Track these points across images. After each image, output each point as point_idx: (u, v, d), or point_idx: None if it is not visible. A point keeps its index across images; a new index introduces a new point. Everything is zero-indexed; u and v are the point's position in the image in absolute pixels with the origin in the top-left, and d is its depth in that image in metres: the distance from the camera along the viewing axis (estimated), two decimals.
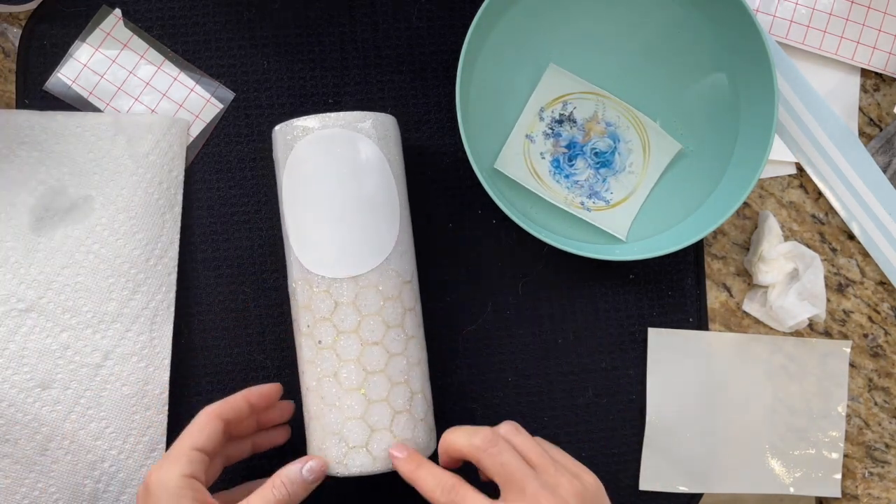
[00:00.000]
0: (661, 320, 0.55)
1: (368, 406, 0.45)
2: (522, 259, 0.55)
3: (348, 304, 0.45)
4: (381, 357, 0.45)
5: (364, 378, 0.45)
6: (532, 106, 0.54)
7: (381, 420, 0.45)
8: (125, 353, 0.50)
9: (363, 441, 0.44)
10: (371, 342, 0.45)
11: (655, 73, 0.54)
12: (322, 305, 0.45)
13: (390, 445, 0.44)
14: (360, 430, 0.44)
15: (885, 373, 0.57)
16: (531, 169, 0.54)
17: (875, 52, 0.56)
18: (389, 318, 0.46)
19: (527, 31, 0.54)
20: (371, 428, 0.44)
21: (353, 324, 0.45)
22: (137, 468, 0.50)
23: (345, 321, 0.45)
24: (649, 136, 0.54)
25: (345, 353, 0.45)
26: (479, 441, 0.42)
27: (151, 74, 0.53)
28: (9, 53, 0.53)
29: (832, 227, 0.57)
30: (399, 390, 0.45)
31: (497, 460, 0.41)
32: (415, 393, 0.46)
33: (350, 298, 0.45)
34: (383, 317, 0.45)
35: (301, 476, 0.43)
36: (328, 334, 0.45)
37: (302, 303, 0.46)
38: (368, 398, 0.45)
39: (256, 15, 0.54)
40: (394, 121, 0.48)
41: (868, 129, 0.57)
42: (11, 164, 0.51)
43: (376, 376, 0.45)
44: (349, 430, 0.44)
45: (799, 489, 0.55)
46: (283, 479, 0.42)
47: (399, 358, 0.46)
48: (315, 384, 0.46)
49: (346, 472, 0.45)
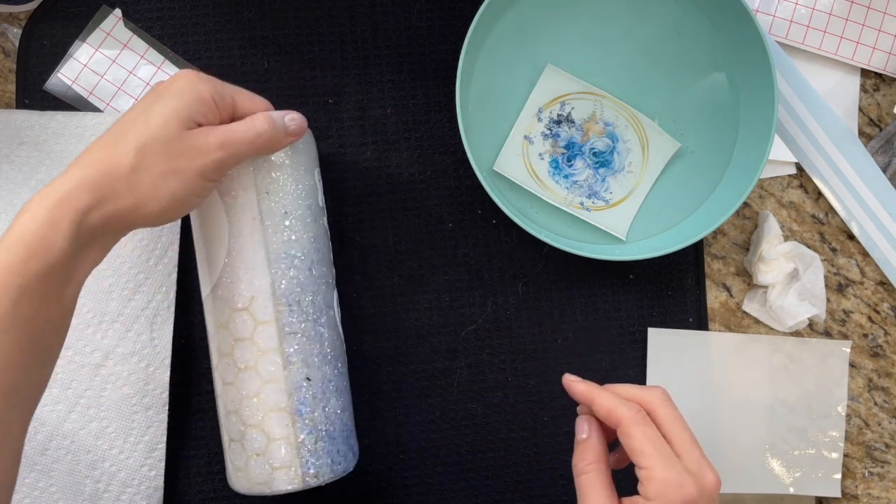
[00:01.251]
0: (661, 320, 0.55)
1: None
2: (522, 259, 0.55)
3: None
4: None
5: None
6: (530, 107, 0.54)
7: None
8: (125, 353, 0.50)
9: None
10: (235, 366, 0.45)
11: (655, 73, 0.54)
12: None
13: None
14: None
15: (885, 373, 0.57)
16: (530, 170, 0.54)
17: (875, 52, 0.56)
18: (222, 346, 0.46)
19: (526, 31, 0.54)
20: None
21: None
22: (138, 468, 0.50)
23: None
24: (648, 136, 0.54)
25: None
26: (626, 412, 0.40)
27: (151, 74, 0.53)
28: (9, 53, 0.53)
29: (832, 227, 0.57)
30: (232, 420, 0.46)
31: (643, 434, 0.39)
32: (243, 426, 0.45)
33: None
34: (216, 343, 0.46)
35: (284, 123, 0.43)
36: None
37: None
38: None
39: (256, 15, 0.54)
40: None
41: (868, 129, 0.57)
42: (11, 164, 0.51)
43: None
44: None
45: (799, 489, 0.55)
46: (266, 118, 0.42)
47: (231, 388, 0.45)
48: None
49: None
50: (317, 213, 0.47)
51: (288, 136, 0.44)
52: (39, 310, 0.36)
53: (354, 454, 0.48)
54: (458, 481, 0.54)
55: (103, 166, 0.38)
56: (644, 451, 0.39)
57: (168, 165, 0.39)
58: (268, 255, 0.44)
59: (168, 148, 0.39)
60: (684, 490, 0.38)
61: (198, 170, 0.40)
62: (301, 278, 0.45)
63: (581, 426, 0.43)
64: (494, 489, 0.54)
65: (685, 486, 0.38)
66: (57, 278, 0.36)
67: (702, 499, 0.38)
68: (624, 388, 0.42)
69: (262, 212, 0.44)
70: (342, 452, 0.46)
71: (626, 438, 0.40)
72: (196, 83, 0.41)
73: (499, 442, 0.54)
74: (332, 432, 0.45)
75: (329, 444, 0.45)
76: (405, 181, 0.54)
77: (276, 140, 0.43)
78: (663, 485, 0.38)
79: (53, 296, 0.36)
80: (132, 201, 0.38)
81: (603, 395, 0.42)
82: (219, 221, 0.45)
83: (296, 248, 0.45)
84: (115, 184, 0.37)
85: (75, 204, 0.36)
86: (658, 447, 0.39)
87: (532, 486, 0.54)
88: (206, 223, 0.46)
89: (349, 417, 0.48)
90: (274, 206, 0.45)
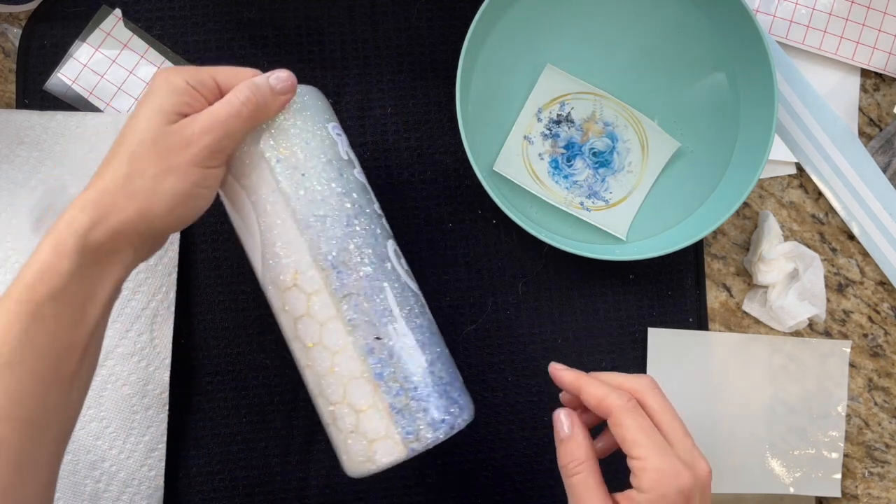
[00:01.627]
0: (661, 320, 0.55)
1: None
2: (522, 259, 0.55)
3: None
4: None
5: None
6: (529, 107, 0.54)
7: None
8: (125, 353, 0.50)
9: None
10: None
11: (655, 73, 0.54)
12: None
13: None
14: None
15: (885, 373, 0.57)
16: (530, 170, 0.54)
17: (875, 52, 0.56)
18: (288, 330, 0.43)
19: (527, 30, 0.54)
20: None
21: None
22: (138, 468, 0.50)
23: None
24: (647, 135, 0.54)
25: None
26: (617, 400, 0.39)
27: (151, 74, 0.53)
28: (9, 53, 0.53)
29: (832, 227, 0.57)
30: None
31: (635, 424, 0.38)
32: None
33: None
34: (284, 330, 0.43)
35: (268, 84, 0.41)
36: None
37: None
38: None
39: (256, 15, 0.54)
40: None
41: (868, 129, 0.57)
42: (11, 164, 0.51)
43: None
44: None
45: (799, 489, 0.55)
46: (247, 84, 0.40)
47: (309, 371, 0.42)
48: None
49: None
50: (342, 166, 0.43)
51: (278, 96, 0.41)
52: (56, 335, 0.35)
53: (463, 407, 0.43)
54: (459, 481, 0.54)
55: (101, 184, 0.37)
56: (637, 441, 0.38)
57: (161, 164, 0.38)
58: (297, 223, 0.41)
59: (156, 148, 0.38)
60: (679, 479, 0.37)
61: (191, 160, 0.39)
62: (340, 236, 0.42)
63: (562, 421, 0.41)
64: (494, 489, 0.54)
65: (680, 476, 0.37)
66: (70, 301, 0.35)
67: (696, 488, 0.37)
68: (611, 376, 0.41)
69: (278, 181, 0.42)
70: (443, 408, 0.41)
71: (618, 428, 0.39)
72: (169, 76, 0.40)
73: (499, 442, 0.54)
74: (423, 389, 0.41)
75: (424, 401, 0.41)
76: (405, 181, 0.54)
77: (266, 104, 0.41)
78: (658, 474, 0.37)
79: (70, 320, 0.36)
80: (135, 209, 0.37)
81: (592, 383, 0.41)
82: (245, 208, 0.43)
83: (323, 207, 0.42)
84: (114, 198, 0.37)
85: (75, 226, 0.36)
86: (651, 437, 0.38)
87: (532, 485, 0.54)
88: (236, 214, 0.44)
89: (443, 369, 0.43)
90: (289, 171, 0.42)
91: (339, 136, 0.45)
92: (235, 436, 0.53)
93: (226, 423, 0.53)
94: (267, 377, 0.53)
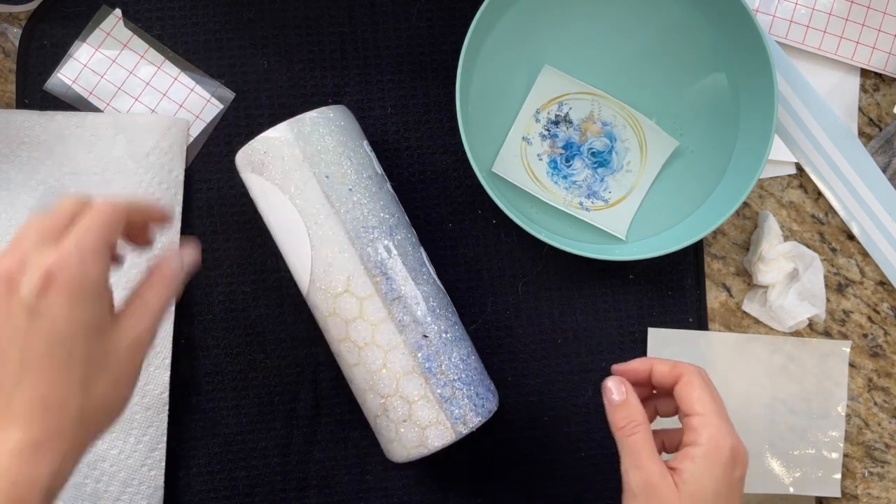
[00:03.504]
0: (661, 320, 0.55)
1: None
2: (522, 259, 0.55)
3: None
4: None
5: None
6: (528, 108, 0.54)
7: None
8: None
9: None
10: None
11: (655, 73, 0.54)
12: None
13: None
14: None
15: (885, 373, 0.57)
16: (529, 171, 0.54)
17: (875, 52, 0.56)
18: (337, 332, 0.47)
19: (527, 30, 0.54)
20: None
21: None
22: (138, 468, 0.50)
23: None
24: (646, 134, 0.54)
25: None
26: (689, 366, 0.42)
27: (151, 74, 0.53)
28: (9, 53, 0.53)
29: (832, 227, 0.57)
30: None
31: (704, 382, 0.42)
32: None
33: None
34: (330, 332, 0.47)
35: (176, 265, 0.40)
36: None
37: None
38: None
39: (256, 15, 0.54)
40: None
41: (868, 129, 0.57)
42: (11, 164, 0.51)
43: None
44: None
45: (799, 489, 0.55)
46: (151, 292, 0.38)
47: (359, 368, 0.47)
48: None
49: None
50: (379, 181, 0.48)
51: (187, 276, 0.41)
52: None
53: (494, 394, 0.49)
54: (458, 481, 0.54)
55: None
56: (703, 399, 0.41)
57: (107, 384, 0.36)
58: (348, 234, 0.46)
59: (94, 369, 0.35)
60: (733, 439, 0.40)
61: (125, 380, 0.37)
62: (386, 245, 0.47)
63: (615, 387, 0.43)
64: (494, 489, 0.54)
65: (734, 437, 0.40)
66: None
67: (741, 455, 0.40)
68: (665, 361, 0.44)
69: (328, 196, 0.46)
70: (482, 395, 0.47)
71: (688, 387, 0.41)
72: (73, 296, 0.34)
73: (498, 442, 0.54)
74: (466, 378, 0.47)
75: (467, 389, 0.46)
76: (405, 181, 0.54)
77: (176, 285, 0.39)
78: (717, 430, 0.40)
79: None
80: (89, 434, 0.36)
81: (658, 359, 0.44)
82: (294, 221, 0.46)
83: (371, 219, 0.47)
84: (71, 436, 0.35)
85: (38, 483, 0.34)
86: (715, 398, 0.41)
87: (532, 486, 0.54)
88: (283, 227, 0.47)
89: (477, 361, 0.49)
90: (338, 186, 0.46)
91: (371, 153, 0.49)
92: (235, 436, 0.53)
93: (226, 423, 0.53)
94: (267, 377, 0.53)
